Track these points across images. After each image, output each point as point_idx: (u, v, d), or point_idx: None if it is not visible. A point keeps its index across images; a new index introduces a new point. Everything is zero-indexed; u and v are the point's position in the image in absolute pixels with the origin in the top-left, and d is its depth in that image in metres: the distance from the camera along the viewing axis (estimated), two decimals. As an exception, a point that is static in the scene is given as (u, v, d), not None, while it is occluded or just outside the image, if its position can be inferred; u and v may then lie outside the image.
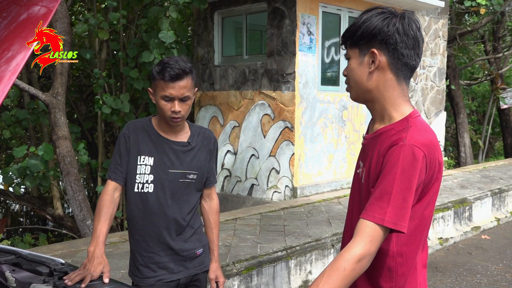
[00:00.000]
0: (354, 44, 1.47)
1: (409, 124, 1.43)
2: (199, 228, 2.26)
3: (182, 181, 2.13)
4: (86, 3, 8.33)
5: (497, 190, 7.29)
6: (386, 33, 1.41)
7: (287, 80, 6.62)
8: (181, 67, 2.01)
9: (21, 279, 1.64)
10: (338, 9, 7.02)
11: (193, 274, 2.21)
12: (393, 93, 1.47)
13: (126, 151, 2.11)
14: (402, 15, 1.45)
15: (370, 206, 1.36)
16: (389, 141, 1.41)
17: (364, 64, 1.46)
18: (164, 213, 2.11)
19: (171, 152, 2.12)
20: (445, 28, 9.25)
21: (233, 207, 6.91)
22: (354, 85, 1.51)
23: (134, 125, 2.15)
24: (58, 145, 5.61)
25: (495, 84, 12.53)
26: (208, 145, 2.22)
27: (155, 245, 2.12)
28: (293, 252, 4.33)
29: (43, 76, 8.94)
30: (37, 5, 1.19)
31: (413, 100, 8.63)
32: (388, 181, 1.35)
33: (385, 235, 1.36)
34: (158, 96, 2.04)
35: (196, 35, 7.83)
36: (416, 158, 1.35)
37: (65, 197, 7.24)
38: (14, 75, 1.09)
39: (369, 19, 1.44)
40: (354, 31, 1.46)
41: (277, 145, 6.78)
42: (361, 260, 1.32)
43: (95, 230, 1.97)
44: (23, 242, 6.23)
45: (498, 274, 5.02)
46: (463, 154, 12.12)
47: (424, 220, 1.47)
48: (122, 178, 2.10)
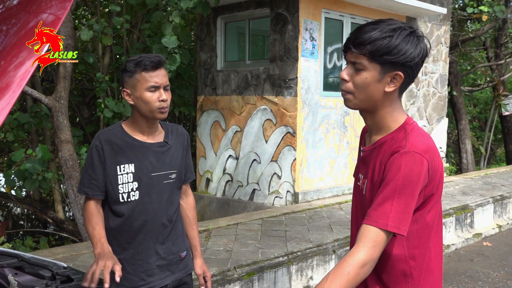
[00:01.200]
0: (377, 60, 1.43)
1: (406, 132, 1.46)
2: (182, 229, 2.24)
3: (166, 182, 2.09)
4: (89, 7, 8.37)
5: (499, 197, 7.27)
6: (416, 60, 1.42)
7: (289, 86, 6.64)
8: (157, 56, 2.00)
9: (24, 282, 1.64)
10: (340, 15, 7.06)
11: (179, 278, 2.17)
12: (394, 106, 1.50)
13: (100, 164, 2.01)
14: (422, 36, 1.45)
15: (373, 212, 1.38)
16: (390, 150, 1.44)
17: (383, 82, 1.45)
18: (152, 218, 2.07)
19: (151, 155, 2.06)
20: (447, 34, 9.28)
21: (235, 211, 6.92)
22: (363, 97, 1.48)
23: (105, 135, 2.05)
24: (61, 148, 5.61)
25: (497, 91, 12.56)
26: (183, 142, 2.19)
27: (143, 252, 2.07)
28: (295, 258, 4.33)
29: (46, 80, 8.98)
30: (45, 12, 1.20)
31: (415, 106, 8.64)
32: (391, 187, 1.38)
33: (388, 240, 1.38)
34: (141, 90, 1.97)
35: (199, 40, 7.86)
36: (418, 164, 1.38)
37: (66, 201, 7.26)
38: (23, 82, 1.08)
39: (402, 44, 1.41)
40: (385, 52, 1.41)
41: (279, 150, 6.79)
42: (364, 265, 1.34)
43: (93, 236, 1.93)
44: (24, 245, 6.23)
45: (500, 281, 5.01)
46: (465, 160, 12.12)
47: (428, 224, 1.48)
48: (100, 192, 2.02)
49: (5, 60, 1.13)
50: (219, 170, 7.57)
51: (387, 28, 1.42)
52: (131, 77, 1.99)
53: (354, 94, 1.49)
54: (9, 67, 1.11)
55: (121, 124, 2.10)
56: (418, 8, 7.57)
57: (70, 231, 7.10)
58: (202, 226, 5.24)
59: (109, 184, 2.01)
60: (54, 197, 7.71)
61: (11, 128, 6.76)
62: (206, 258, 4.11)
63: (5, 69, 1.11)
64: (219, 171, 7.55)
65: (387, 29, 1.42)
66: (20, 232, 8.38)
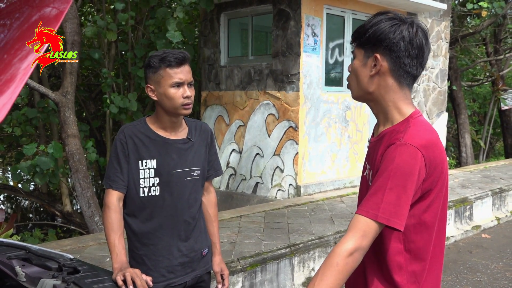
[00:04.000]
0: (360, 45, 1.48)
1: (409, 125, 1.44)
2: (204, 226, 2.21)
3: (188, 179, 2.06)
4: (95, 4, 8.39)
5: (498, 190, 7.32)
6: (391, 40, 1.41)
7: (291, 81, 6.70)
8: (181, 52, 1.96)
9: (31, 274, 1.65)
10: (342, 11, 7.11)
11: (199, 275, 2.15)
12: (394, 96, 1.47)
13: (124, 157, 1.99)
14: (411, 22, 1.44)
15: (365, 202, 1.38)
16: (389, 142, 1.43)
17: (367, 66, 1.47)
18: (174, 215, 2.04)
19: (173, 151, 2.03)
20: (447, 30, 9.29)
21: (238, 204, 6.96)
22: (355, 84, 1.52)
23: (130, 129, 2.03)
24: (67, 143, 5.65)
25: (496, 86, 12.56)
26: (206, 139, 2.16)
27: (164, 249, 2.04)
28: (297, 250, 4.36)
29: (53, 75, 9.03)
30: (48, 6, 1.20)
31: (415, 101, 8.69)
32: (383, 178, 1.37)
33: (379, 230, 1.36)
34: (166, 86, 1.94)
35: (203, 36, 7.91)
36: (412, 157, 1.36)
37: (73, 194, 7.30)
38: (26, 75, 1.09)
39: (377, 24, 1.43)
40: (362, 33, 1.46)
41: (282, 144, 6.86)
42: (352, 253, 1.33)
43: (113, 246, 1.88)
44: (32, 237, 6.29)
45: (498, 272, 5.04)
46: (464, 154, 12.15)
47: (426, 224, 1.46)
48: (124, 187, 2.00)
49: (8, 53, 1.15)
50: (222, 164, 7.62)
51: (375, 15, 1.47)
52: (155, 73, 1.96)
53: (350, 83, 1.54)
54: (13, 60, 1.13)
55: (145, 119, 2.08)
56: (418, 3, 7.60)
57: (77, 223, 7.16)
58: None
59: (130, 178, 2.00)
60: (62, 191, 7.76)
61: (18, 123, 6.83)
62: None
63: (9, 62, 1.12)
64: (223, 165, 7.59)
65: (374, 15, 1.47)
66: (29, 224, 8.44)
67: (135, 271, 1.75)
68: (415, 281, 1.47)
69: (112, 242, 1.89)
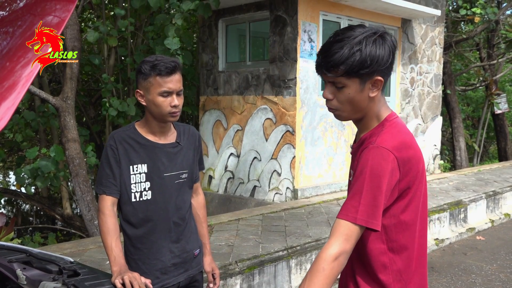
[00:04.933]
0: (354, 75, 1.44)
1: (383, 128, 1.49)
2: (195, 227, 2.25)
3: (177, 182, 2.09)
4: (95, 11, 8.43)
5: (492, 193, 7.35)
6: (386, 60, 1.45)
7: (288, 86, 6.75)
8: (173, 61, 1.96)
9: (32, 277, 1.66)
10: (338, 17, 7.18)
11: (191, 275, 2.18)
12: (378, 105, 1.53)
13: (116, 163, 2.00)
14: (383, 34, 1.46)
15: (344, 206, 1.42)
16: (364, 146, 1.47)
17: (365, 89, 1.47)
18: (165, 217, 2.06)
19: (163, 155, 2.06)
20: (442, 35, 9.36)
21: (236, 208, 7.00)
22: (352, 109, 1.51)
23: (120, 135, 2.04)
24: (68, 147, 5.67)
25: (490, 90, 12.62)
26: (194, 142, 2.19)
27: (157, 251, 2.06)
28: (294, 252, 4.38)
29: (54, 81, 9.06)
30: (50, 14, 1.22)
31: (410, 105, 8.76)
32: (359, 182, 1.40)
33: (360, 232, 1.40)
34: (154, 94, 1.95)
35: (201, 42, 7.97)
36: (385, 159, 1.40)
37: (73, 198, 7.30)
38: (28, 81, 1.11)
39: (372, 52, 1.42)
40: (360, 66, 1.42)
41: (279, 148, 6.90)
42: (337, 258, 1.37)
43: (111, 250, 1.89)
44: (32, 241, 6.26)
45: (492, 274, 5.07)
46: (459, 157, 12.21)
47: (405, 223, 1.49)
48: (117, 192, 2.01)
49: (11, 60, 1.16)
50: (221, 167, 7.69)
51: (353, 42, 1.42)
52: (145, 79, 1.96)
53: (341, 110, 1.53)
54: (15, 67, 1.14)
55: (134, 124, 2.09)
56: (413, 10, 7.68)
57: (77, 227, 7.16)
58: (204, 222, 5.36)
59: (122, 183, 2.01)
60: (62, 194, 7.76)
61: (19, 128, 6.85)
62: (208, 253, 4.25)
63: (12, 69, 1.13)
64: (221, 169, 7.67)
65: (354, 43, 1.42)
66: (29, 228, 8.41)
67: (134, 274, 1.76)
68: (400, 279, 1.51)
69: (109, 245, 1.91)
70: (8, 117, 1.06)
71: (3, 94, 1.09)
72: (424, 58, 8.93)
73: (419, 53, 8.80)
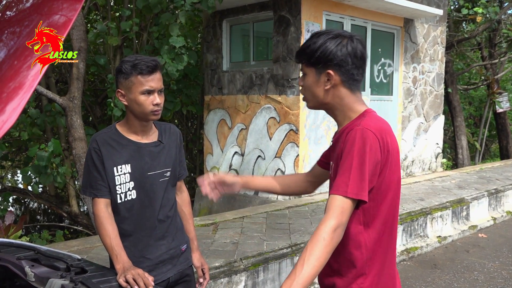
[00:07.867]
0: (310, 64, 1.62)
1: (364, 116, 1.60)
2: (181, 224, 2.27)
3: (161, 180, 2.11)
4: (101, 12, 8.49)
5: (494, 191, 7.38)
6: (340, 57, 1.58)
7: (292, 85, 6.80)
8: (153, 60, 1.98)
9: (40, 274, 1.67)
10: (341, 17, 7.23)
11: (180, 270, 2.20)
12: (348, 101, 1.64)
13: (101, 165, 2.00)
14: (351, 37, 1.60)
15: (336, 182, 1.51)
16: (348, 131, 1.58)
17: (321, 82, 1.62)
18: (150, 216, 2.08)
19: (146, 154, 2.07)
20: (444, 35, 9.39)
21: (240, 206, 7.04)
22: (312, 98, 1.67)
23: (101, 137, 2.04)
24: (74, 146, 5.70)
25: (491, 89, 12.63)
26: (176, 140, 2.21)
27: (145, 249, 2.09)
28: (298, 249, 4.39)
29: (60, 81, 9.12)
30: (57, 14, 1.22)
31: (413, 104, 8.80)
32: (348, 159, 1.51)
33: (353, 206, 1.50)
34: (136, 93, 1.97)
35: (206, 42, 8.02)
36: (369, 138, 1.51)
37: (80, 196, 7.41)
38: (35, 81, 1.10)
39: (324, 44, 1.58)
40: (311, 54, 1.60)
41: (283, 147, 6.96)
42: (336, 229, 1.45)
43: (111, 249, 1.91)
44: (40, 238, 6.28)
45: (495, 271, 5.10)
46: (461, 156, 12.25)
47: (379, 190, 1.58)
48: (108, 193, 2.01)
49: (18, 60, 1.16)
50: (225, 166, 7.74)
51: (315, 35, 1.62)
52: (126, 79, 1.97)
53: (306, 97, 1.70)
54: (23, 66, 1.14)
55: (115, 125, 2.09)
56: (415, 9, 7.72)
57: (84, 224, 7.22)
58: (209, 219, 5.31)
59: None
60: (69, 193, 7.82)
61: (25, 127, 6.90)
62: (213, 250, 4.21)
63: (19, 69, 1.13)
64: (225, 167, 7.71)
65: (315, 36, 1.61)
66: (37, 226, 8.49)
67: (138, 271, 1.76)
68: (372, 257, 1.61)
69: (109, 245, 1.92)
70: (15, 118, 1.06)
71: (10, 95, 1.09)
72: (426, 57, 8.96)
73: (421, 52, 8.85)
